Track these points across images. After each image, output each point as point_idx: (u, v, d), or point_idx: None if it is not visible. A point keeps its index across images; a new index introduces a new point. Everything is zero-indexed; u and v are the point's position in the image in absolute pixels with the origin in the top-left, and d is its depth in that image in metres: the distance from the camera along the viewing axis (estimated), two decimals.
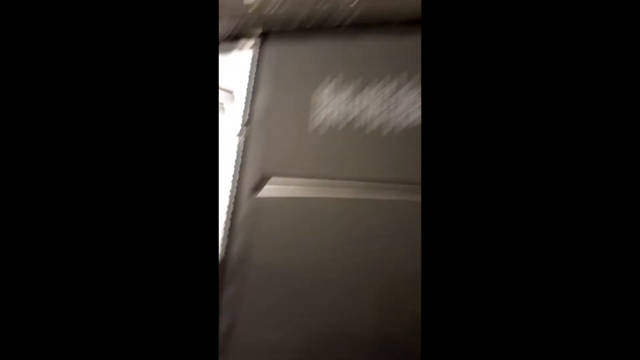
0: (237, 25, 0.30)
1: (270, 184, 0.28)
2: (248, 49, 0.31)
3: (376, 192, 0.27)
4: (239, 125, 0.30)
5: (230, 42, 0.31)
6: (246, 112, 0.30)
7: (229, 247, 0.27)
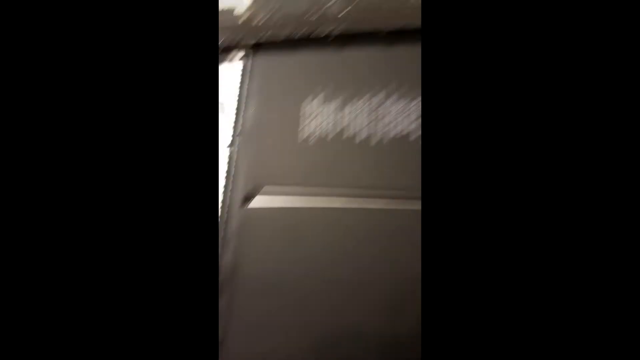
0: (227, 37, 0.30)
1: (262, 195, 0.29)
2: (238, 60, 0.31)
3: (366, 202, 0.27)
4: (229, 137, 0.30)
5: (221, 54, 0.31)
6: (237, 123, 0.30)
7: (220, 258, 0.27)
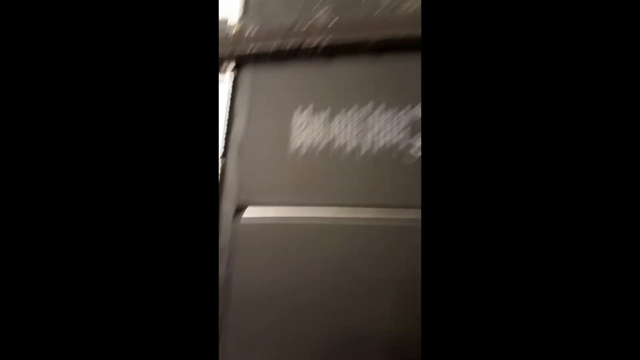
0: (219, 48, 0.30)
1: (253, 206, 0.28)
2: (229, 72, 0.31)
3: (357, 211, 0.28)
4: (221, 148, 0.30)
5: None
6: (228, 134, 0.30)
7: None
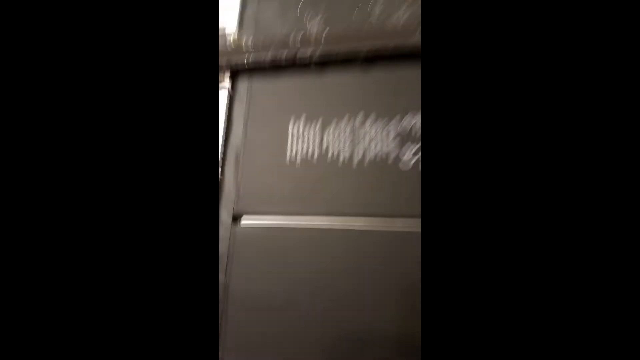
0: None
1: (250, 214, 0.29)
2: (226, 82, 0.32)
3: (349, 221, 0.28)
4: (218, 157, 0.30)
5: None
6: (226, 144, 0.31)
7: None
